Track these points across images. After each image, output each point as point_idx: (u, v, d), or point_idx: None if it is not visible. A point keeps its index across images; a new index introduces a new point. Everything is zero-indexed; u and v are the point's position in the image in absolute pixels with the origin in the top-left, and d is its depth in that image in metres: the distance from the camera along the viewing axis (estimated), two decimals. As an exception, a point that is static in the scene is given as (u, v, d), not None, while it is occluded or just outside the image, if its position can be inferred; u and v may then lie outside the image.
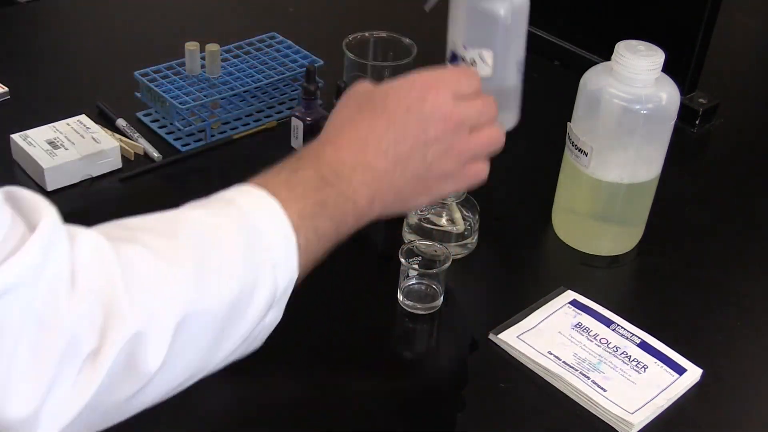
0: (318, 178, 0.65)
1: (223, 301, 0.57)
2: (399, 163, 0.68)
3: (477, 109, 0.71)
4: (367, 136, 0.67)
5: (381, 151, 0.67)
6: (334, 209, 0.65)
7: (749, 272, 0.99)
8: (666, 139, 0.93)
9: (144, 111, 1.14)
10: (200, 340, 0.57)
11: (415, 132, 0.68)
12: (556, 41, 1.32)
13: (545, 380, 0.83)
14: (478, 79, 0.73)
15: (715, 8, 1.14)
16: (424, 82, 0.70)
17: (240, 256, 0.59)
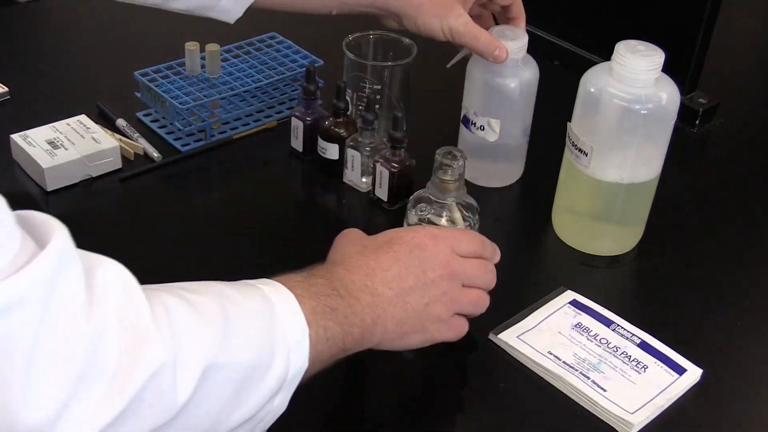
0: (330, 287, 0.69)
1: (243, 363, 0.60)
2: (401, 296, 0.72)
3: (473, 267, 0.77)
4: (374, 267, 0.73)
5: (386, 281, 0.72)
6: (343, 318, 0.68)
7: (749, 272, 0.99)
8: (666, 139, 0.93)
9: (144, 111, 1.14)
10: (221, 392, 0.59)
11: (416, 271, 0.73)
12: (556, 41, 1.32)
13: (545, 380, 0.83)
14: (479, 242, 0.79)
15: (715, 8, 1.14)
16: (426, 233, 0.76)
17: (260, 329, 0.62)
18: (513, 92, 0.99)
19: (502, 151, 1.04)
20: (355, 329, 0.69)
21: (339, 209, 1.05)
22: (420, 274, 0.74)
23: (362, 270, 0.72)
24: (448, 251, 0.76)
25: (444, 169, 0.92)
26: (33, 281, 0.50)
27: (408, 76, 1.07)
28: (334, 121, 1.03)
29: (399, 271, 0.73)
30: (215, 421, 0.60)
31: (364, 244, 0.76)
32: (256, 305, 0.64)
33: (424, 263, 0.74)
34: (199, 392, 0.57)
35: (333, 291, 0.68)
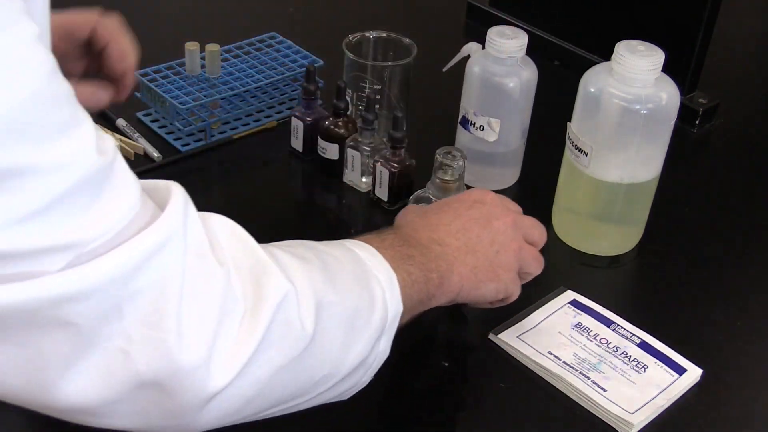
0: (402, 240, 0.71)
1: (348, 303, 0.62)
2: (469, 245, 0.74)
3: (530, 221, 0.80)
4: (436, 223, 0.75)
5: (451, 233, 0.74)
6: (421, 264, 0.70)
7: (749, 272, 0.99)
8: (666, 139, 0.93)
9: (144, 111, 1.14)
10: (336, 329, 0.61)
11: (480, 222, 0.76)
12: (556, 41, 1.32)
13: (545, 380, 0.83)
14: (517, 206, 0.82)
15: (715, 8, 1.14)
16: (479, 191, 0.80)
17: (355, 275, 0.65)
18: (512, 92, 0.99)
19: (500, 154, 1.04)
20: (434, 274, 0.70)
21: (339, 209, 1.05)
22: (485, 223, 0.76)
23: (426, 228, 0.74)
24: (504, 204, 0.79)
25: (444, 169, 0.92)
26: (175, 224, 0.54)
27: (408, 76, 1.07)
28: (334, 121, 1.03)
29: (462, 223, 0.75)
30: (336, 359, 0.62)
31: (423, 210, 0.79)
32: (345, 255, 0.66)
33: (486, 214, 0.76)
34: (319, 326, 0.59)
35: (405, 243, 0.71)
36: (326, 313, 0.60)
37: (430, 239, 0.73)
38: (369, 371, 0.66)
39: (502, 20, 1.34)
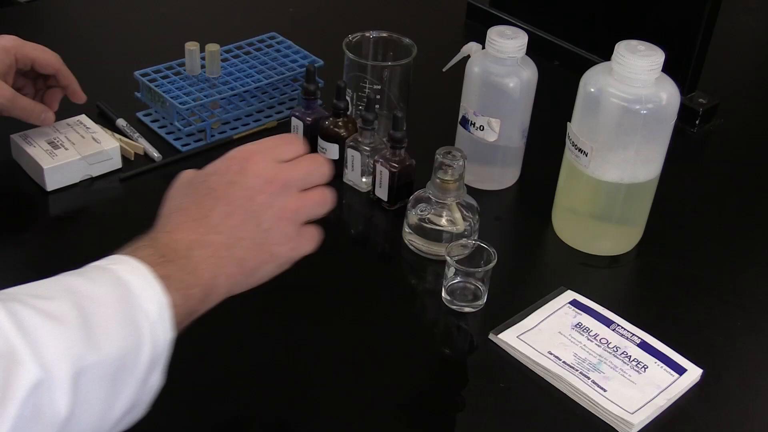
0: (158, 255, 0.65)
1: (112, 357, 0.58)
2: (234, 235, 0.68)
3: (303, 167, 0.72)
4: (197, 217, 0.68)
5: (212, 226, 0.68)
6: (180, 283, 0.64)
7: (749, 272, 0.99)
8: (666, 139, 0.93)
9: (144, 111, 1.14)
10: (98, 391, 0.58)
11: (242, 202, 0.69)
12: (556, 41, 1.32)
13: (545, 380, 0.83)
14: (300, 145, 0.74)
15: (715, 8, 1.14)
16: (242, 155, 0.71)
17: (120, 316, 0.60)
18: (512, 92, 0.99)
19: (500, 153, 1.04)
20: (195, 290, 0.65)
21: (339, 209, 1.05)
22: (247, 202, 0.69)
23: (185, 225, 0.68)
24: (271, 164, 0.71)
25: (444, 169, 0.92)
26: None
27: (408, 76, 1.08)
28: (334, 121, 1.03)
29: (224, 210, 0.68)
30: (100, 420, 0.59)
31: (184, 192, 0.71)
32: (110, 291, 0.61)
33: (249, 189, 0.69)
34: (77, 398, 0.56)
35: (162, 258, 0.64)
36: (85, 379, 0.57)
37: (189, 243, 0.66)
38: (141, 407, 0.63)
39: (502, 20, 1.34)
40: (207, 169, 0.72)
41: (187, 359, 0.82)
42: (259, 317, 0.87)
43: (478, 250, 0.90)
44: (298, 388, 0.80)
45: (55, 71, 1.03)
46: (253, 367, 0.82)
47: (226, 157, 0.72)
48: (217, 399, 0.78)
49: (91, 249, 0.94)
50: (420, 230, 0.95)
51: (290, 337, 0.85)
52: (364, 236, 1.02)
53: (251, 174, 0.70)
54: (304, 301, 0.90)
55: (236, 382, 0.80)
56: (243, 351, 0.83)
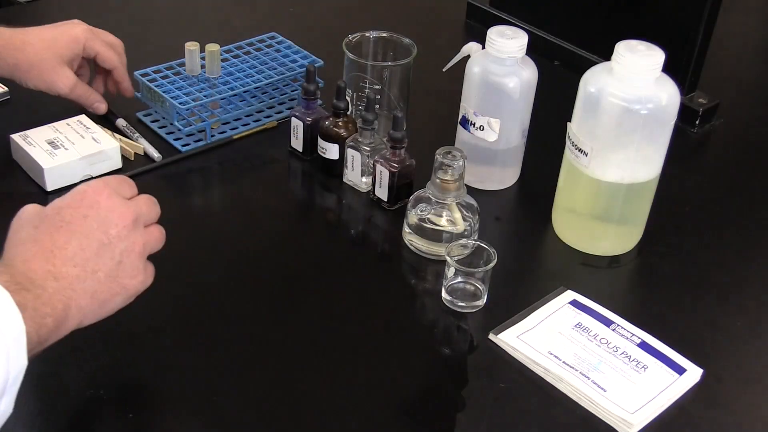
0: (14, 282, 0.65)
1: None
2: (88, 268, 0.70)
3: (146, 206, 0.75)
4: (51, 248, 0.69)
5: (68, 258, 0.69)
6: (34, 312, 0.65)
7: (749, 272, 0.99)
8: (666, 139, 0.93)
9: (144, 111, 1.14)
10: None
11: (97, 235, 0.70)
12: (556, 41, 1.32)
13: (545, 380, 0.83)
14: (134, 185, 0.77)
15: (715, 8, 1.14)
16: (92, 190, 0.73)
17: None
18: (512, 92, 0.99)
19: (500, 154, 1.04)
20: (48, 320, 0.66)
21: (339, 209, 1.05)
22: (102, 235, 0.71)
23: (40, 255, 0.68)
24: (120, 200, 0.73)
25: (444, 169, 0.92)
26: None
27: (408, 76, 1.08)
28: (334, 121, 1.03)
29: (79, 243, 0.70)
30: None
31: (34, 224, 0.71)
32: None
33: (103, 223, 0.71)
34: None
35: (18, 286, 0.65)
36: None
37: (45, 273, 0.67)
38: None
39: (502, 20, 1.34)
40: (56, 203, 0.73)
41: (187, 359, 0.82)
42: (258, 317, 0.87)
43: (478, 250, 0.90)
44: (297, 388, 0.80)
45: (112, 68, 1.11)
46: (253, 366, 0.82)
47: (76, 191, 0.73)
48: (217, 399, 0.78)
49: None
50: (420, 230, 0.95)
51: (290, 337, 0.85)
52: (364, 236, 1.02)
53: (104, 208, 0.72)
54: (304, 300, 0.90)
55: (236, 382, 0.80)
56: (242, 351, 0.83)
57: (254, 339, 0.85)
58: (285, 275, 0.93)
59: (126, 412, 0.76)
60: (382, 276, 0.96)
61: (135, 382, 0.80)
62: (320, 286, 0.92)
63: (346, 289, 0.92)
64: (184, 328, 0.85)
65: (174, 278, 0.88)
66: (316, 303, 0.90)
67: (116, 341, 0.82)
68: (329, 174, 1.06)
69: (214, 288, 0.90)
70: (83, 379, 0.78)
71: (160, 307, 0.85)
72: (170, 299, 0.87)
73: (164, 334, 0.84)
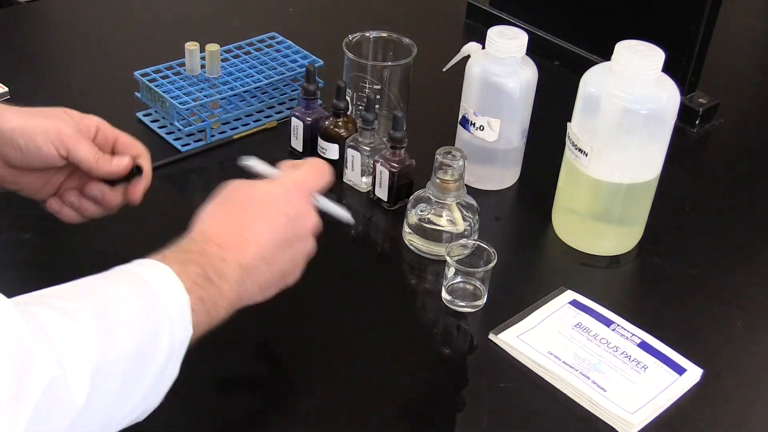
0: (203, 276, 0.69)
1: (128, 352, 0.61)
2: (271, 261, 0.74)
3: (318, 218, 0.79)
4: (247, 238, 0.73)
5: (259, 253, 0.73)
6: (212, 305, 0.69)
7: (749, 272, 0.99)
8: (666, 139, 0.93)
9: (144, 111, 1.14)
10: (115, 383, 0.61)
11: (289, 235, 0.75)
12: (556, 41, 1.32)
13: (545, 380, 0.83)
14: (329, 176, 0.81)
15: (715, 8, 1.14)
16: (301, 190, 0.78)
17: (139, 311, 0.63)
18: (512, 92, 0.99)
19: (500, 154, 1.04)
20: (222, 311, 0.70)
21: (339, 209, 1.05)
22: (290, 234, 0.75)
23: (235, 243, 0.72)
24: (309, 203, 0.78)
25: (444, 169, 0.92)
26: None
27: (408, 76, 1.08)
28: (334, 121, 1.03)
29: (272, 238, 0.74)
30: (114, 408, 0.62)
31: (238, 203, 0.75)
32: (131, 290, 0.64)
33: (294, 223, 0.75)
34: (95, 392, 0.58)
35: (205, 280, 0.68)
36: (103, 372, 0.59)
37: (236, 265, 0.71)
38: (156, 398, 0.65)
39: (502, 20, 1.34)
40: (260, 189, 0.77)
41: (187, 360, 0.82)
42: (258, 317, 0.87)
43: (478, 250, 0.90)
44: (297, 388, 0.80)
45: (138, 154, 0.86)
46: (253, 366, 0.82)
47: (285, 186, 0.78)
48: (217, 399, 0.78)
49: (92, 249, 0.94)
50: (420, 230, 0.95)
51: (289, 337, 0.85)
52: (364, 236, 1.02)
53: (302, 212, 0.77)
54: (304, 300, 0.90)
55: (236, 382, 0.80)
56: (242, 351, 0.83)
57: (253, 339, 0.85)
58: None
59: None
60: (382, 276, 0.96)
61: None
62: (320, 286, 0.92)
63: (346, 289, 0.92)
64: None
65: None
66: (316, 303, 0.90)
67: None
68: (329, 174, 1.06)
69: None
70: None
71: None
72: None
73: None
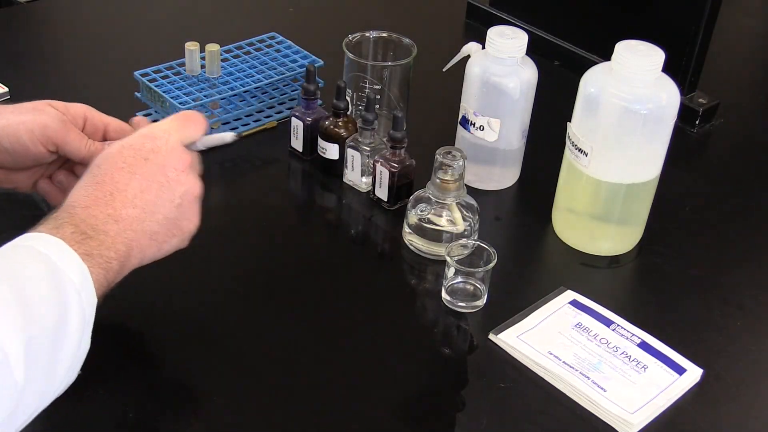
0: (79, 233, 0.68)
1: (48, 325, 0.62)
2: (147, 209, 0.72)
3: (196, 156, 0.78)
4: (112, 191, 0.71)
5: (128, 200, 0.71)
6: (99, 258, 0.68)
7: (749, 272, 0.99)
8: (666, 139, 0.93)
9: (144, 111, 1.14)
10: (43, 359, 0.61)
11: (158, 178, 0.73)
12: (556, 41, 1.32)
13: (545, 380, 0.83)
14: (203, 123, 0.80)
15: (715, 8, 1.14)
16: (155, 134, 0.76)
17: (48, 285, 0.63)
18: (512, 92, 0.99)
19: (500, 154, 1.04)
20: (113, 263, 0.69)
21: (339, 209, 1.05)
22: (162, 178, 0.73)
23: (101, 199, 0.71)
24: (179, 144, 0.76)
25: (444, 169, 0.92)
26: None
27: (408, 76, 1.08)
28: (334, 121, 1.03)
29: (139, 185, 0.72)
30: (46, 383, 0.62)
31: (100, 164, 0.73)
32: (35, 265, 0.64)
33: (163, 166, 0.74)
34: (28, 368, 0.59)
35: (82, 235, 0.68)
36: (32, 349, 0.60)
37: (106, 217, 0.70)
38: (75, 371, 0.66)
39: (502, 20, 1.34)
40: (121, 141, 0.75)
41: (187, 360, 0.82)
42: (258, 317, 0.87)
43: (478, 250, 0.90)
44: (297, 388, 0.80)
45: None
46: (252, 367, 0.82)
47: (140, 134, 0.76)
48: (215, 398, 0.78)
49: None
50: (420, 230, 0.95)
51: (289, 337, 0.85)
52: (364, 236, 1.02)
53: (165, 151, 0.74)
54: (304, 300, 0.90)
55: (236, 382, 0.80)
56: (242, 351, 0.83)
57: (253, 338, 0.85)
58: (285, 275, 0.93)
59: (126, 411, 0.76)
60: (382, 276, 0.96)
61: (135, 380, 0.80)
62: (320, 286, 0.92)
63: (346, 289, 0.92)
64: (181, 327, 0.85)
65: (174, 277, 0.88)
66: (316, 303, 0.90)
67: (114, 339, 0.82)
68: (329, 174, 1.06)
69: (213, 288, 0.90)
70: (81, 378, 0.78)
71: (155, 307, 0.85)
72: (168, 299, 0.87)
73: (161, 333, 0.84)
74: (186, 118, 0.79)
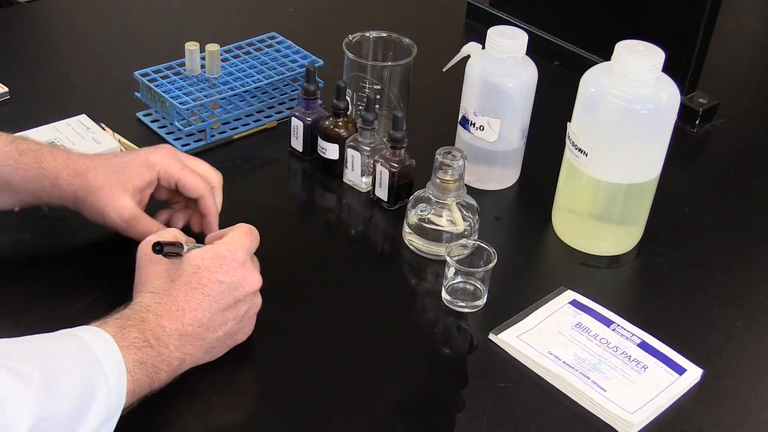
0: (143, 339, 0.72)
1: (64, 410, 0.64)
2: (212, 326, 0.77)
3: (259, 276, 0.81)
4: (184, 308, 0.76)
5: (197, 320, 0.76)
6: (152, 368, 0.72)
7: (749, 272, 0.99)
8: (666, 139, 0.93)
9: (144, 111, 1.14)
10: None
11: (228, 300, 0.78)
12: (556, 41, 1.32)
13: (545, 380, 0.83)
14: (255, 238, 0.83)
15: (715, 8, 1.15)
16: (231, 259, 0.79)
17: (79, 375, 0.66)
18: (512, 92, 0.99)
19: (500, 154, 1.04)
20: (163, 374, 0.73)
21: (339, 209, 1.05)
22: (232, 300, 0.78)
23: (173, 314, 0.75)
24: (250, 265, 0.80)
25: (444, 169, 0.92)
26: None
27: (408, 76, 1.08)
28: (334, 121, 1.03)
29: (209, 306, 0.76)
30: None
31: (171, 277, 0.77)
32: (75, 354, 0.67)
33: (234, 289, 0.78)
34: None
35: (145, 343, 0.72)
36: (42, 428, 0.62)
37: (173, 331, 0.74)
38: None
39: (502, 20, 1.34)
40: (195, 260, 0.78)
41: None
42: (257, 316, 0.87)
43: (478, 250, 0.90)
44: (297, 387, 0.80)
45: (198, 196, 0.90)
46: (252, 366, 0.82)
47: (216, 255, 0.79)
48: (215, 398, 0.78)
49: (91, 249, 0.94)
50: (420, 230, 0.95)
51: (289, 337, 0.85)
52: (364, 236, 1.02)
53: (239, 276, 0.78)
54: (304, 300, 0.90)
55: (235, 382, 0.80)
56: (242, 350, 0.83)
57: (253, 338, 0.85)
58: (285, 275, 0.93)
59: (126, 411, 0.76)
60: (382, 276, 0.96)
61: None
62: (320, 286, 0.92)
63: (346, 289, 0.92)
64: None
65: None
66: (316, 303, 0.90)
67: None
68: (329, 174, 1.06)
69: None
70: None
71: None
72: (170, 299, 0.87)
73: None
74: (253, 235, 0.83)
